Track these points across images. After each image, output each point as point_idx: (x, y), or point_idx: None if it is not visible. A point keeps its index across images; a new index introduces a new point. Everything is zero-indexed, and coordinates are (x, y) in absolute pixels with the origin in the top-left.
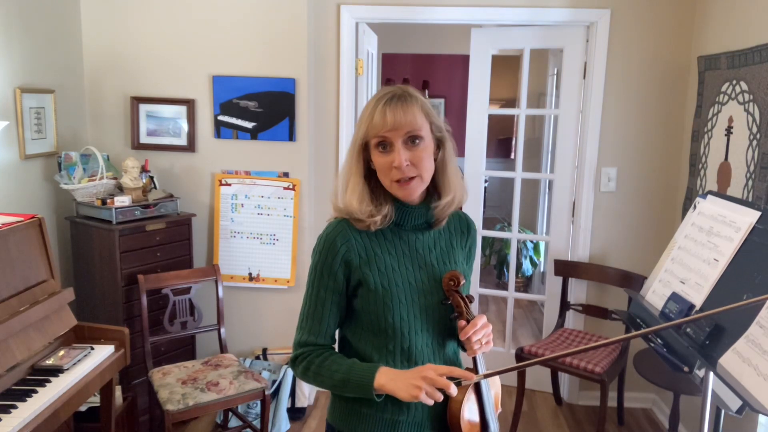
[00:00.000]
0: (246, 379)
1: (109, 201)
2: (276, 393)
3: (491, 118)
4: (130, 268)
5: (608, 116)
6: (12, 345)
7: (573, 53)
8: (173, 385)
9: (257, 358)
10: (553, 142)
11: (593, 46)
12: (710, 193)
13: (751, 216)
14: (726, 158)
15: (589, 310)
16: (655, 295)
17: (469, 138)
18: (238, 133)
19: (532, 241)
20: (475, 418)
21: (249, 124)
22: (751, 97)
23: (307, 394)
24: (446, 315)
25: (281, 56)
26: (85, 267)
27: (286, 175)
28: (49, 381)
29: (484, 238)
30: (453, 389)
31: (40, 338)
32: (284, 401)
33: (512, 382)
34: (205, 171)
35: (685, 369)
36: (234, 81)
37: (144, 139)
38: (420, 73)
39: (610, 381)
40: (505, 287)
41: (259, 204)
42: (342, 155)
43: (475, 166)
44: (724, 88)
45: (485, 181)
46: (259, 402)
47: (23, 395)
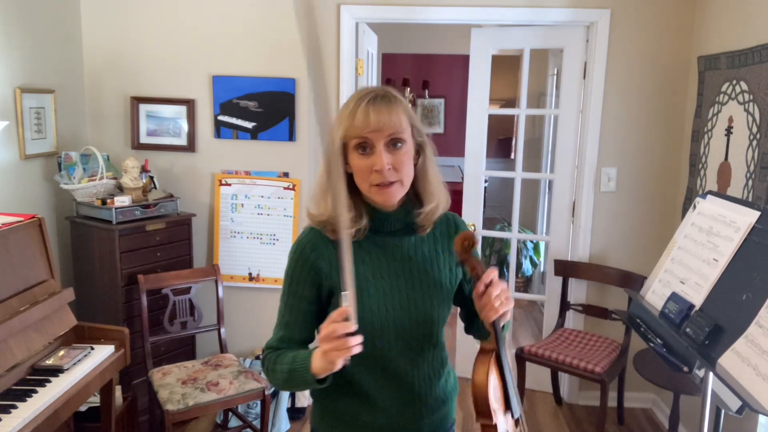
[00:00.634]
0: (246, 379)
1: (109, 201)
2: (276, 393)
3: (491, 118)
4: (130, 268)
5: (608, 116)
6: (12, 345)
7: (573, 53)
8: (173, 385)
9: (257, 358)
10: (553, 142)
11: (593, 46)
12: (710, 193)
13: (751, 216)
14: (726, 158)
15: (589, 310)
16: (655, 295)
17: (469, 138)
18: (238, 133)
19: (532, 241)
20: (499, 391)
21: (249, 124)
22: (751, 97)
23: (307, 394)
24: (426, 323)
25: (281, 56)
26: (85, 267)
27: (286, 175)
28: (49, 381)
29: (484, 238)
30: (349, 326)
31: (40, 338)
32: (284, 401)
33: None
34: (205, 171)
35: (685, 369)
36: (234, 81)
37: (144, 139)
38: (420, 73)
39: (610, 381)
40: None
41: (259, 204)
42: None
43: (475, 166)
44: (724, 88)
45: (485, 181)
46: (259, 402)
47: (23, 395)
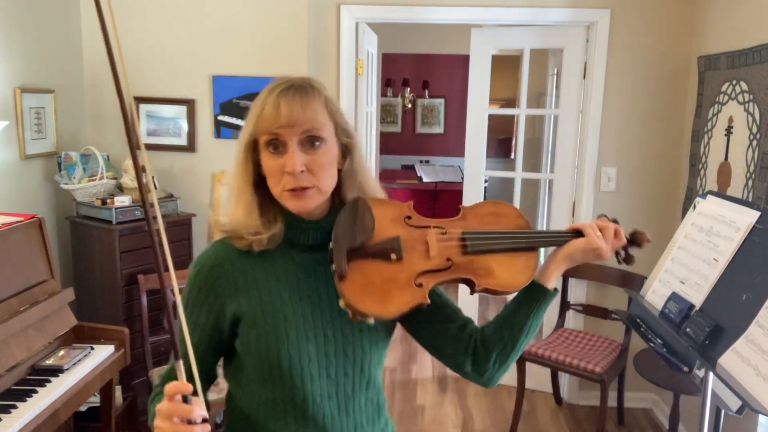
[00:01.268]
0: None
1: (109, 201)
2: None
3: (491, 118)
4: (130, 268)
5: (608, 116)
6: (12, 345)
7: (573, 53)
8: None
9: None
10: (553, 142)
11: (593, 46)
12: (710, 193)
13: (751, 216)
14: (726, 158)
15: (589, 310)
16: (655, 295)
17: (469, 138)
18: (238, 133)
19: None
20: None
21: None
22: (751, 97)
23: None
24: (356, 356)
25: (281, 56)
26: (85, 267)
27: None
28: (49, 381)
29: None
30: (190, 412)
31: (40, 338)
32: None
33: (512, 382)
34: (205, 171)
35: (685, 369)
36: (234, 81)
37: (144, 139)
38: (420, 73)
39: (610, 381)
40: None
41: None
42: None
43: (475, 166)
44: (724, 88)
45: (485, 181)
46: None
47: (23, 395)
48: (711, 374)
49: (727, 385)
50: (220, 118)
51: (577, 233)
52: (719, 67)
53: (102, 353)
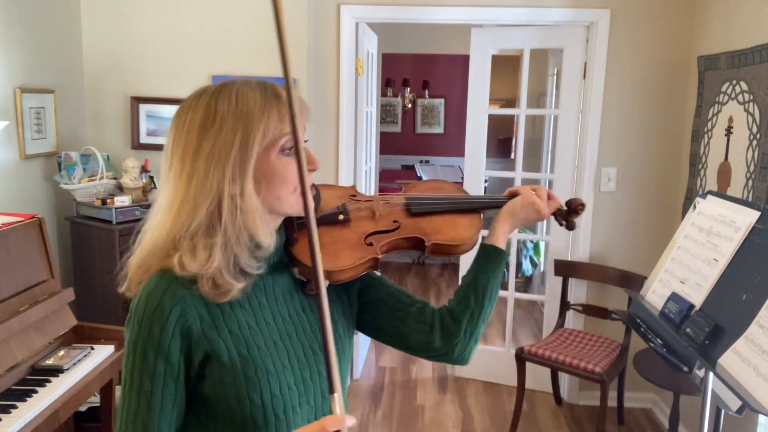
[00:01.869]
0: None
1: (109, 201)
2: None
3: (491, 118)
4: None
5: (608, 116)
6: (12, 345)
7: (573, 53)
8: None
9: None
10: (553, 142)
11: (593, 46)
12: (710, 193)
13: (751, 216)
14: (726, 158)
15: (589, 310)
16: (655, 295)
17: (469, 138)
18: None
19: (532, 241)
20: None
21: None
22: (751, 97)
23: None
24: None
25: None
26: (85, 267)
27: None
28: (49, 381)
29: (483, 238)
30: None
31: (40, 338)
32: None
33: (512, 382)
34: None
35: (685, 369)
36: None
37: (144, 139)
38: (420, 73)
39: (610, 381)
40: (504, 287)
41: None
42: (343, 155)
43: (475, 166)
44: (724, 88)
45: (485, 181)
46: None
47: (23, 395)
48: (711, 374)
49: (727, 385)
50: None
51: (513, 196)
52: (719, 67)
53: (102, 353)
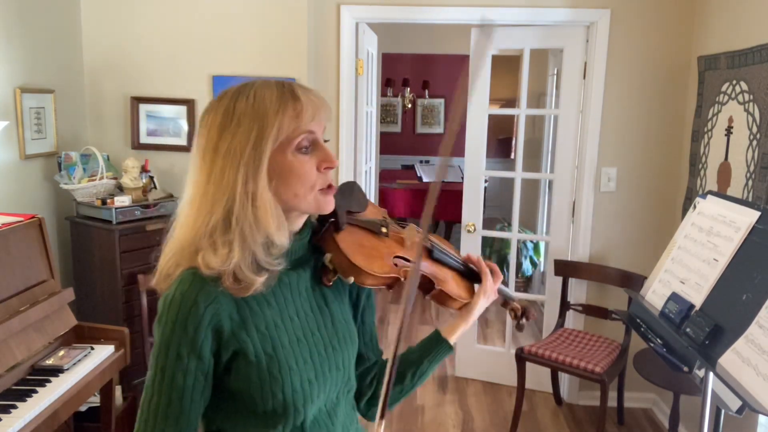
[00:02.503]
0: None
1: (109, 201)
2: None
3: (491, 118)
4: (130, 268)
5: (608, 116)
6: (12, 345)
7: (573, 53)
8: None
9: None
10: (553, 142)
11: (593, 46)
12: (710, 193)
13: (751, 216)
14: (726, 158)
15: (589, 310)
16: (655, 295)
17: (469, 138)
18: None
19: (532, 241)
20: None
21: None
22: (751, 97)
23: None
24: (344, 366)
25: (281, 56)
26: (85, 267)
27: None
28: (49, 381)
29: (484, 238)
30: None
31: (40, 338)
32: None
33: (512, 382)
34: None
35: (685, 369)
36: (234, 81)
37: (144, 139)
38: (420, 73)
39: (610, 381)
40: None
41: None
42: (343, 155)
43: (475, 166)
44: (724, 88)
45: (485, 181)
46: None
47: (23, 395)
48: (711, 374)
49: (727, 385)
50: None
51: (470, 262)
52: (719, 67)
53: (102, 353)
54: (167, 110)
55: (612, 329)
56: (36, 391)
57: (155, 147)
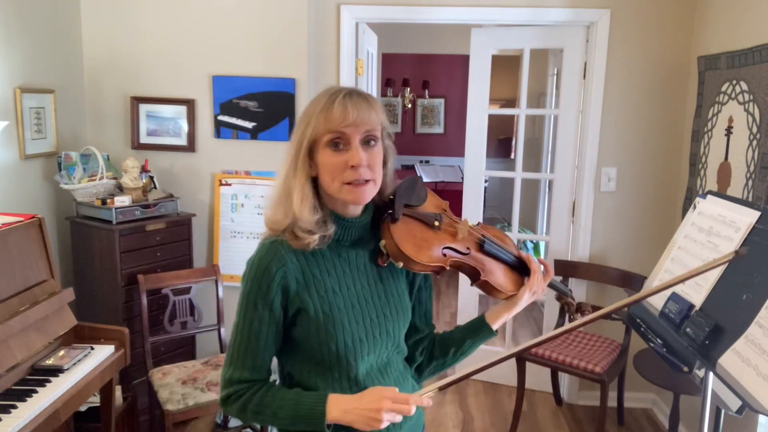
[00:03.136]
0: None
1: (109, 201)
2: None
3: (491, 118)
4: (130, 268)
5: (608, 116)
6: (12, 345)
7: (573, 53)
8: (173, 385)
9: None
10: (553, 142)
11: (593, 46)
12: (710, 192)
13: (751, 216)
14: (726, 158)
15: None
16: (655, 295)
17: (469, 138)
18: (238, 133)
19: (532, 241)
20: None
21: (249, 124)
22: (751, 97)
23: None
24: (394, 332)
25: (281, 56)
26: (85, 267)
27: None
28: (49, 381)
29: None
30: (413, 409)
31: (40, 338)
32: None
33: (512, 382)
34: (205, 171)
35: (685, 369)
36: (234, 81)
37: (144, 139)
38: (420, 73)
39: (610, 381)
40: None
41: (259, 204)
42: None
43: (475, 166)
44: (724, 88)
45: (485, 181)
46: None
47: (23, 395)
48: (711, 374)
49: (727, 385)
50: (220, 118)
51: (523, 260)
52: (719, 67)
53: (102, 353)
54: (167, 110)
55: (612, 329)
56: (36, 391)
57: (155, 147)
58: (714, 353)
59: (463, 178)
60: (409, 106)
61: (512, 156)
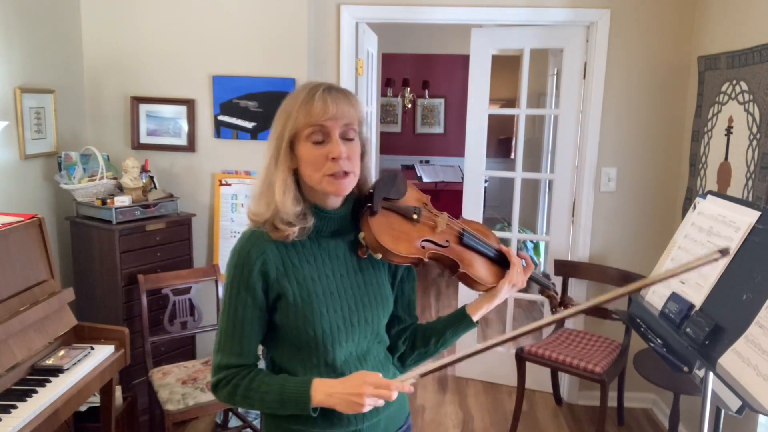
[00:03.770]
0: None
1: (109, 201)
2: None
3: (491, 118)
4: (130, 268)
5: (608, 116)
6: (12, 345)
7: (573, 53)
8: (173, 385)
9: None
10: (553, 142)
11: (593, 46)
12: (710, 193)
13: (751, 216)
14: (726, 158)
15: (589, 310)
16: (655, 295)
17: (469, 138)
18: (238, 133)
19: (532, 241)
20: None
21: (249, 124)
22: (751, 97)
23: None
24: (373, 321)
25: (281, 56)
26: (85, 267)
27: None
28: (49, 381)
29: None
30: (394, 395)
31: (40, 338)
32: None
33: (512, 382)
34: (205, 171)
35: (685, 369)
36: (234, 81)
37: (144, 139)
38: (420, 73)
39: (610, 381)
40: None
41: None
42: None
43: (475, 166)
44: (724, 88)
45: (485, 181)
46: None
47: (23, 395)
48: (711, 374)
49: (727, 385)
50: (220, 118)
51: (502, 252)
52: (719, 67)
53: (102, 353)
54: (167, 110)
55: (612, 329)
56: (36, 391)
57: (155, 147)
58: (714, 353)
59: (463, 178)
60: (409, 106)
61: (512, 156)
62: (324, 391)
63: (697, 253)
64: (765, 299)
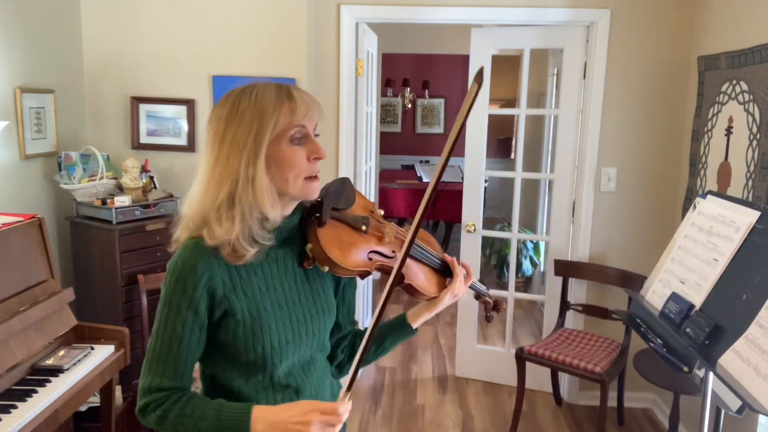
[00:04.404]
0: None
1: (109, 201)
2: None
3: (491, 118)
4: (130, 268)
5: (608, 116)
6: (12, 345)
7: (573, 53)
8: None
9: None
10: (553, 142)
11: (593, 46)
12: (710, 193)
13: (751, 216)
14: (726, 158)
15: (589, 310)
16: (655, 295)
17: (469, 138)
18: None
19: (532, 241)
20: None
21: None
22: (751, 97)
23: None
24: (319, 333)
25: (281, 56)
26: (85, 267)
27: None
28: (49, 381)
29: (484, 238)
30: (344, 416)
31: (40, 338)
32: None
33: (512, 382)
34: None
35: (685, 369)
36: (234, 81)
37: (144, 139)
38: (420, 73)
39: (610, 381)
40: (505, 287)
41: None
42: (343, 155)
43: (475, 166)
44: (724, 88)
45: (485, 181)
46: None
47: (23, 395)
48: (711, 374)
49: (727, 385)
50: None
51: (446, 261)
52: (719, 67)
53: (102, 353)
54: (167, 110)
55: (612, 329)
56: (36, 391)
57: (155, 147)
58: (714, 353)
59: (463, 178)
60: (409, 106)
61: (512, 156)
62: (266, 420)
63: (698, 253)
64: (765, 299)
